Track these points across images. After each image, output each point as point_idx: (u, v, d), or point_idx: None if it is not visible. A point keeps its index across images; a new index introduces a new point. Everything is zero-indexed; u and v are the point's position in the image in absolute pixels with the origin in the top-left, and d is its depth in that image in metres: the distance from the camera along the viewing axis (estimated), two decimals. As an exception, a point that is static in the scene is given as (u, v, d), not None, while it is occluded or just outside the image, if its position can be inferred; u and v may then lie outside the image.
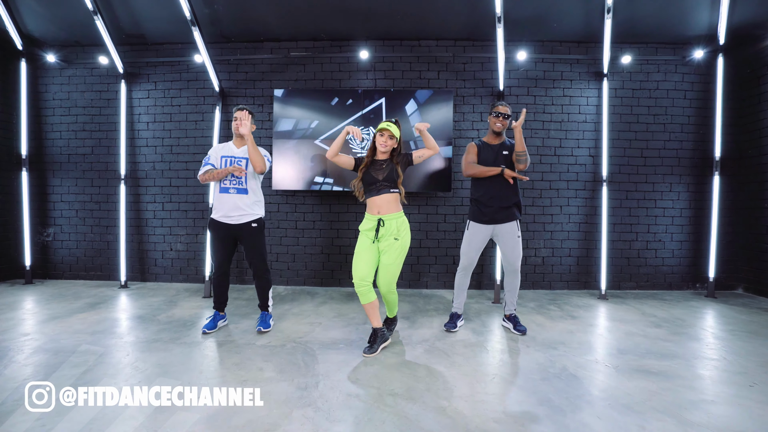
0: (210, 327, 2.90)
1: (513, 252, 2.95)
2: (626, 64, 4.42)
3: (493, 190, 2.95)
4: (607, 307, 3.73)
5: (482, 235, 3.00)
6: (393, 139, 2.59)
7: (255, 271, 2.95)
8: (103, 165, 4.64)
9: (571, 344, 2.70)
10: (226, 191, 2.86)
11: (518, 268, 2.98)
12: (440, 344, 2.68)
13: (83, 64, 4.63)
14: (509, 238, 2.95)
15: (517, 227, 2.97)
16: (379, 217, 2.56)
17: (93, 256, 4.67)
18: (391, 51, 4.50)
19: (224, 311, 3.08)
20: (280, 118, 4.32)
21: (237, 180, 2.87)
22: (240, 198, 2.85)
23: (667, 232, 4.49)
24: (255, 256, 2.91)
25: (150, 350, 2.48)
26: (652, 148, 4.48)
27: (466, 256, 3.03)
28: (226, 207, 2.85)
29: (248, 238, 2.89)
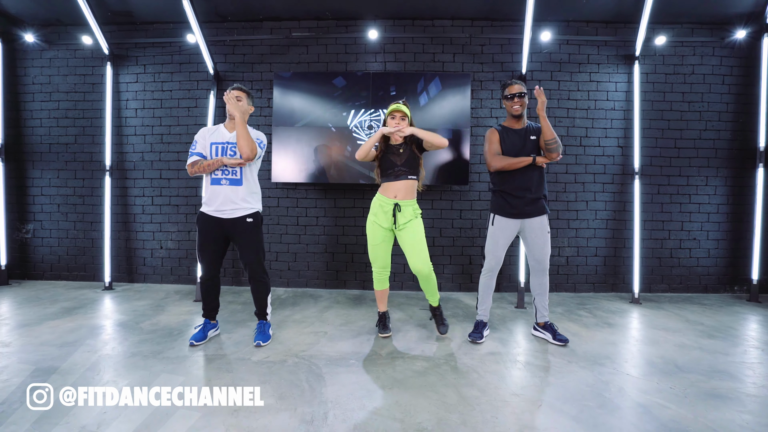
0: (198, 338, 2.51)
1: (543, 250, 2.59)
2: (659, 46, 4.03)
3: (523, 180, 2.57)
4: (643, 313, 3.36)
5: (510, 230, 2.63)
6: (405, 120, 2.50)
7: (250, 273, 2.56)
8: (87, 155, 4.25)
9: (618, 359, 2.32)
10: (218, 183, 2.48)
11: (548, 267, 2.63)
12: (467, 359, 2.30)
13: (65, 45, 4.23)
14: (539, 234, 2.58)
15: (547, 222, 2.61)
16: (396, 201, 2.51)
17: (76, 254, 4.28)
18: (402, 31, 4.11)
19: (216, 319, 2.70)
20: (281, 103, 3.93)
21: (231, 170, 2.49)
22: (233, 190, 2.47)
23: (703, 230, 4.11)
24: (250, 255, 2.52)
25: (126, 368, 2.10)
26: (686, 138, 4.09)
27: (493, 256, 2.66)
28: (217, 200, 2.47)
29: (242, 235, 2.50)
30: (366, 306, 3.47)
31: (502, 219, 2.63)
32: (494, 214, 2.67)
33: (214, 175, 2.48)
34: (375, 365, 2.19)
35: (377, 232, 2.57)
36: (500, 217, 2.64)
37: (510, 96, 2.57)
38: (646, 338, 2.71)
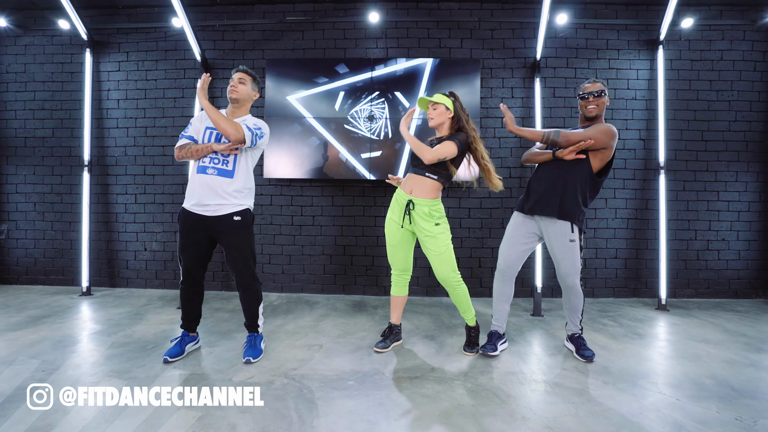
0: (174, 353, 2.18)
1: (564, 261, 2.22)
2: (685, 29, 3.71)
3: (545, 172, 2.28)
4: (673, 321, 3.03)
5: (523, 229, 2.33)
6: (438, 108, 2.22)
7: (238, 279, 2.22)
8: (65, 150, 3.93)
9: (660, 379, 1.99)
10: (203, 171, 2.14)
11: (574, 284, 2.25)
12: (485, 380, 1.97)
13: (42, 31, 3.92)
14: (558, 241, 2.22)
15: (570, 229, 2.21)
16: (410, 198, 2.21)
17: (53, 257, 3.96)
18: (406, 15, 3.79)
19: (196, 331, 2.36)
20: (274, 93, 3.62)
21: (222, 159, 2.16)
22: (221, 182, 2.13)
23: (732, 230, 3.78)
24: (237, 259, 2.19)
25: (83, 391, 1.77)
26: (714, 130, 3.76)
27: (501, 255, 2.40)
28: (200, 193, 2.13)
29: (228, 236, 2.17)
30: (367, 314, 3.14)
31: (517, 215, 2.39)
32: (514, 210, 2.43)
33: (201, 163, 2.16)
34: (377, 388, 1.86)
35: (394, 230, 2.30)
36: (516, 213, 2.41)
37: (585, 95, 2.24)
38: (686, 352, 2.38)
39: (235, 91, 2.22)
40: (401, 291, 2.41)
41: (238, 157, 2.18)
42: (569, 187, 2.21)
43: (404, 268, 2.36)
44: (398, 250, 2.32)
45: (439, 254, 2.20)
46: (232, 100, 2.24)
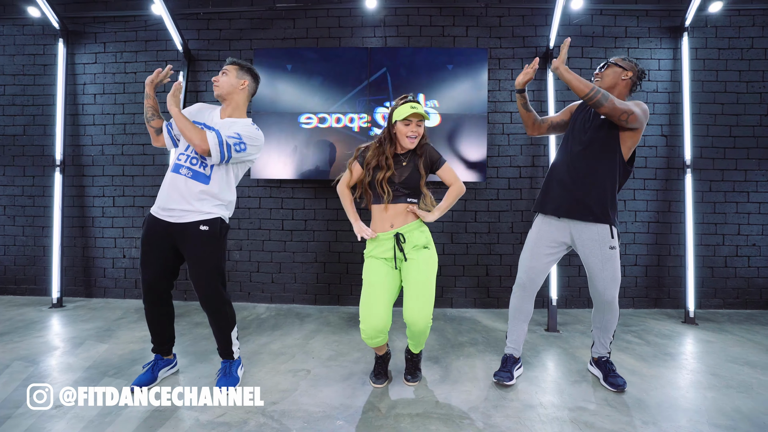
0: (143, 381, 1.86)
1: (602, 272, 1.89)
2: (713, 14, 3.39)
3: (570, 164, 1.92)
4: (705, 338, 2.70)
5: (550, 235, 1.96)
6: (422, 125, 1.83)
7: (202, 301, 1.87)
8: (38, 149, 3.63)
9: (708, 418, 1.66)
10: (177, 170, 1.85)
11: (613, 299, 1.92)
12: (500, 417, 1.65)
13: (11, 21, 3.63)
14: (594, 249, 1.88)
15: (609, 233, 1.88)
16: (395, 231, 1.83)
17: (25, 264, 3.65)
18: (406, 1, 3.48)
19: (172, 353, 2.05)
20: (262, 86, 3.29)
21: (200, 160, 1.85)
22: (192, 186, 1.81)
23: (764, 234, 3.46)
24: (200, 277, 1.84)
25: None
26: (743, 125, 3.44)
27: (522, 267, 2.02)
28: (168, 194, 1.83)
29: (191, 247, 1.83)
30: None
31: (542, 219, 2.00)
32: (536, 213, 2.06)
33: (177, 161, 1.86)
34: (372, 429, 1.54)
35: (376, 265, 1.85)
36: (541, 216, 2.01)
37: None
38: (731, 380, 2.05)
39: (216, 86, 1.92)
40: (381, 343, 1.86)
41: (215, 165, 1.87)
42: (603, 181, 1.88)
43: (382, 328, 1.76)
44: (378, 292, 1.79)
45: (421, 281, 1.78)
46: (217, 97, 1.94)
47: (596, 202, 1.87)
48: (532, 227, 2.06)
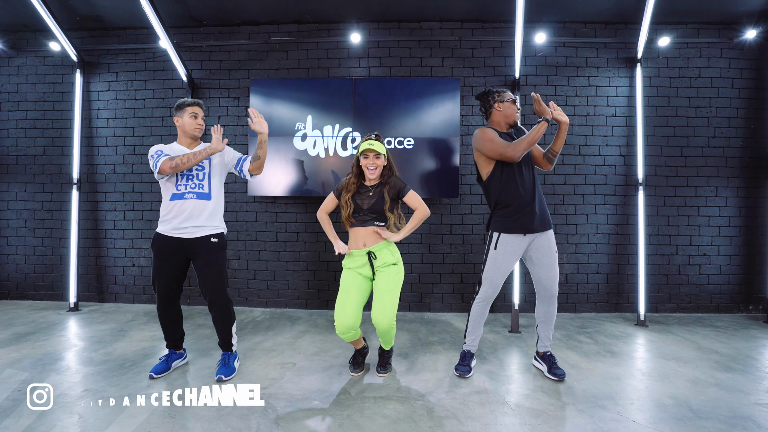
0: (160, 370, 2.26)
1: (551, 271, 2.28)
2: (663, 47, 3.77)
3: (527, 188, 2.25)
4: (650, 338, 3.05)
5: (516, 252, 2.26)
6: (380, 158, 2.21)
7: (212, 299, 2.28)
8: (56, 168, 4.02)
9: (622, 400, 2.02)
10: (181, 197, 2.23)
11: (557, 293, 2.32)
12: (448, 399, 2.00)
13: (34, 53, 4.04)
14: (547, 254, 2.27)
15: (553, 238, 2.33)
16: (367, 249, 2.21)
17: (43, 272, 4.03)
18: (388, 34, 3.88)
19: (182, 347, 2.44)
20: (258, 110, 3.68)
21: (198, 182, 2.24)
22: (199, 205, 2.22)
23: (713, 245, 3.81)
24: (212, 279, 2.25)
25: (47, 414, 1.82)
26: (693, 146, 3.81)
27: (491, 283, 2.30)
28: (180, 217, 2.21)
29: (204, 257, 2.24)
30: (346, 330, 3.18)
31: (509, 237, 2.24)
32: (498, 233, 2.27)
33: (177, 189, 2.24)
34: (341, 407, 1.90)
35: (352, 276, 2.22)
36: (506, 236, 2.24)
37: (513, 100, 2.35)
38: (655, 371, 2.40)
39: (200, 129, 2.32)
40: (354, 338, 2.21)
41: (212, 179, 2.27)
42: (541, 191, 2.33)
43: (352, 325, 2.12)
44: (352, 296, 2.15)
45: (388, 289, 2.15)
46: (197, 137, 2.34)
47: (546, 212, 2.32)
48: (496, 249, 2.26)
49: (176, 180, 2.24)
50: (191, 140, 2.33)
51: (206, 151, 2.16)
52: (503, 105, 2.34)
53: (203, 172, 2.27)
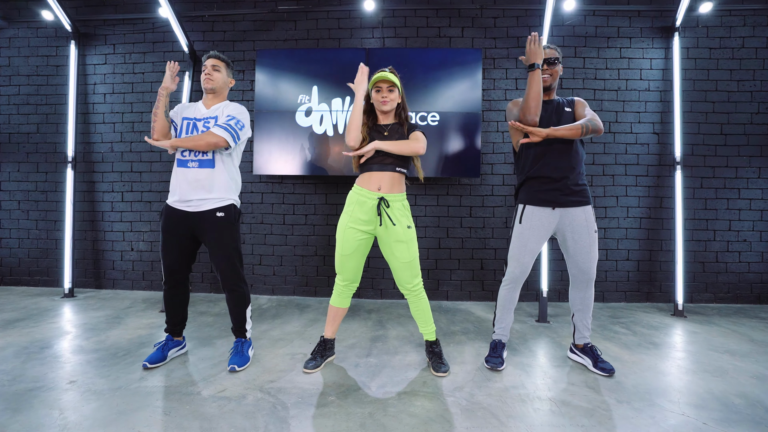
0: (154, 359, 2.02)
1: (589, 254, 2.02)
2: (704, 15, 3.46)
3: (561, 160, 2.00)
4: (691, 329, 2.78)
5: (544, 227, 2.03)
6: (395, 91, 1.99)
7: (223, 281, 2.07)
8: (50, 146, 3.79)
9: (681, 397, 1.76)
10: (184, 165, 2.01)
11: (594, 277, 2.06)
12: (483, 396, 1.75)
13: (27, 23, 3.79)
14: (584, 233, 2.01)
15: (593, 215, 2.05)
16: (381, 194, 1.95)
17: (38, 257, 3.81)
18: (404, 3, 3.59)
19: (182, 335, 2.20)
20: (264, 86, 3.43)
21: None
22: (202, 174, 1.99)
23: (755, 230, 3.52)
24: (220, 258, 2.03)
25: (24, 409, 1.59)
26: (734, 123, 3.51)
27: (517, 262, 2.07)
28: (183, 188, 1.99)
29: (211, 234, 2.02)
30: (359, 319, 2.94)
31: (535, 210, 2.03)
32: (523, 206, 2.07)
33: (181, 156, 2.01)
34: (360, 404, 1.66)
35: (352, 238, 1.98)
36: (532, 208, 2.03)
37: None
38: (708, 365, 2.14)
39: (210, 80, 2.08)
40: (344, 303, 2.09)
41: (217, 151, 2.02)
42: (580, 165, 2.04)
43: (354, 279, 2.06)
44: (352, 259, 2.01)
45: (408, 262, 1.98)
46: (207, 90, 2.10)
47: (583, 187, 2.03)
48: (521, 223, 2.06)
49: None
50: (209, 97, 2.11)
51: (160, 94, 2.00)
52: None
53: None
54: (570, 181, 2.00)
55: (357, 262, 2.03)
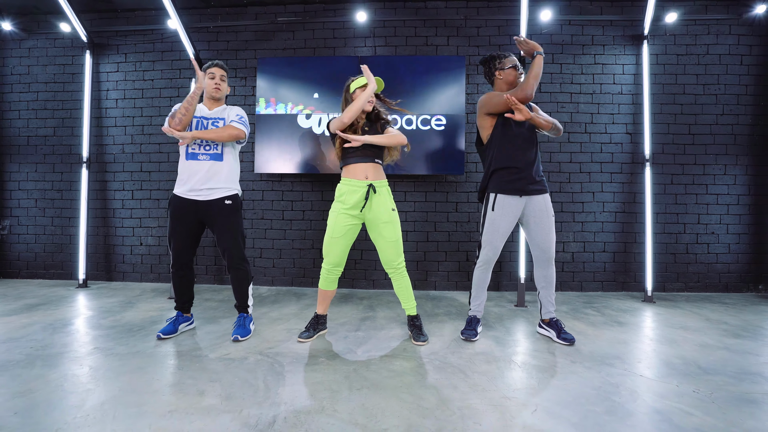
0: (167, 331, 2.29)
1: (548, 235, 2.31)
2: (670, 24, 3.75)
3: (526, 155, 2.29)
4: (657, 312, 3.03)
5: (512, 213, 2.30)
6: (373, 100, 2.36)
7: (230, 260, 2.32)
8: (66, 148, 4.07)
9: (630, 359, 2.01)
10: (194, 157, 2.27)
11: (554, 255, 2.35)
12: (454, 358, 2.00)
13: (45, 34, 4.09)
14: (544, 217, 2.29)
15: (550, 203, 2.34)
16: (369, 182, 2.22)
17: (53, 251, 4.08)
18: (393, 14, 3.89)
19: (190, 312, 2.46)
20: (265, 91, 3.72)
21: (210, 143, 2.27)
22: (214, 167, 2.27)
23: (722, 223, 3.77)
24: (227, 240, 2.29)
25: (64, 364, 1.85)
26: (701, 124, 3.78)
27: (491, 246, 2.34)
28: (194, 179, 2.25)
29: (219, 219, 2.28)
30: (352, 304, 3.19)
31: (505, 198, 2.28)
32: (494, 194, 2.31)
33: (191, 149, 2.27)
34: (347, 364, 1.91)
35: (343, 222, 2.23)
36: (503, 197, 2.28)
37: (514, 65, 2.34)
38: (662, 337, 2.39)
39: (218, 90, 2.35)
40: (331, 285, 2.33)
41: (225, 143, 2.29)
42: (539, 159, 2.35)
43: (339, 263, 2.28)
44: (340, 242, 2.24)
45: (394, 241, 2.25)
46: (214, 97, 2.36)
47: (542, 176, 2.34)
48: (494, 209, 2.30)
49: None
50: (211, 101, 2.38)
51: (194, 91, 2.22)
52: (504, 72, 2.35)
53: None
54: (533, 172, 2.27)
55: (344, 246, 2.26)
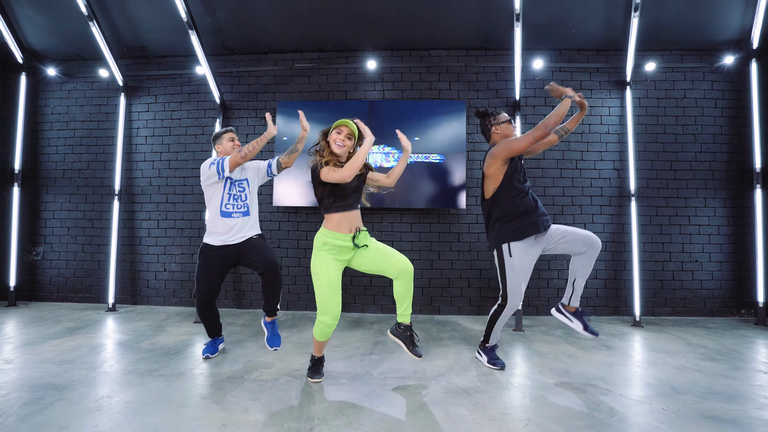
0: (212, 351, 2.64)
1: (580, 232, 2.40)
2: (650, 71, 4.15)
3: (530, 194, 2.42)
4: (644, 336, 3.30)
5: (529, 253, 2.36)
6: (351, 140, 2.23)
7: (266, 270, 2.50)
8: (98, 180, 4.42)
9: (613, 380, 2.29)
10: (229, 215, 2.56)
11: (600, 244, 2.42)
12: (458, 379, 2.28)
13: (84, 78, 4.50)
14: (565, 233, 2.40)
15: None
16: (353, 234, 2.15)
17: (82, 276, 4.38)
18: (400, 61, 4.30)
19: (221, 334, 2.77)
20: (283, 131, 4.09)
21: (241, 203, 2.60)
22: (244, 221, 2.59)
23: (704, 252, 4.08)
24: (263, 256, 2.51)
25: (121, 384, 2.13)
26: (682, 161, 4.13)
27: (515, 293, 2.37)
28: (229, 233, 2.55)
29: (255, 248, 2.55)
30: (363, 329, 3.47)
31: (525, 244, 2.33)
32: (508, 243, 2.34)
33: (224, 208, 2.56)
34: (365, 384, 2.19)
35: (335, 267, 2.12)
36: (522, 244, 2.32)
37: (507, 120, 2.55)
38: (645, 360, 2.67)
39: (239, 148, 2.67)
40: (329, 336, 2.21)
41: (249, 196, 2.62)
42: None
43: (337, 314, 2.13)
44: (337, 289, 2.12)
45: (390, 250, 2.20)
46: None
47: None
48: (514, 256, 2.33)
49: (222, 199, 2.55)
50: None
51: (265, 137, 2.50)
52: (500, 127, 2.55)
53: (245, 193, 2.62)
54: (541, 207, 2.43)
55: (340, 292, 2.14)
